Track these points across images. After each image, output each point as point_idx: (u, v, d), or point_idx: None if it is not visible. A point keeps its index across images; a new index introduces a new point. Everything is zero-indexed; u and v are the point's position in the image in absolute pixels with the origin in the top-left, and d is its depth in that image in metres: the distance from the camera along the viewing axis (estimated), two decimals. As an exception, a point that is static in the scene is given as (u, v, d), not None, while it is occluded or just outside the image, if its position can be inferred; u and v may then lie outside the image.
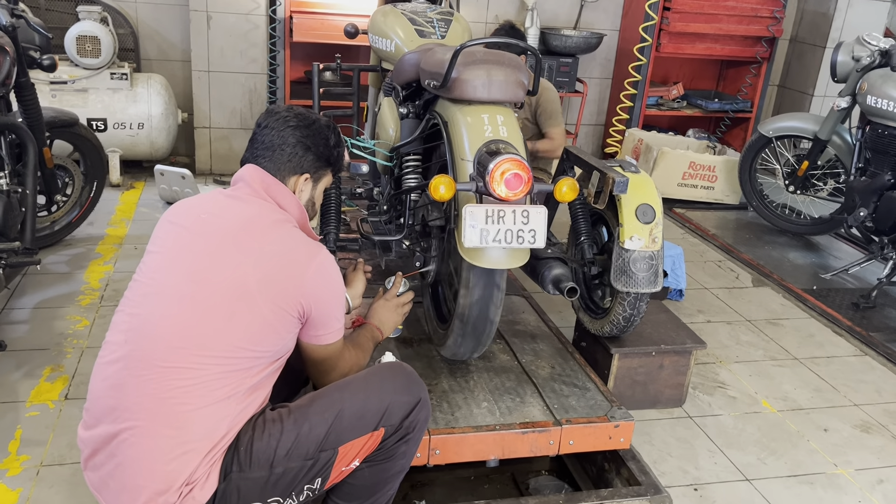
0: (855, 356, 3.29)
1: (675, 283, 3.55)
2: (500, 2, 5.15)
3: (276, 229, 1.69)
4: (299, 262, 1.66)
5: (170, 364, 1.54)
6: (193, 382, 1.53)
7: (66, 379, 2.64)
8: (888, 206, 3.72)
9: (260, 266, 1.61)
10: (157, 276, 1.64)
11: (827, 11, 5.50)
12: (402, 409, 1.70)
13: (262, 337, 1.60)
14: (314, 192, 1.87)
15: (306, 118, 1.82)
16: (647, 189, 2.38)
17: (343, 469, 1.68)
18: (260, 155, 1.78)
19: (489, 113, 2.07)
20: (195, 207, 1.74)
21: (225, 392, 1.55)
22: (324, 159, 1.84)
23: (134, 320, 1.61)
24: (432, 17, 2.78)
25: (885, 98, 3.78)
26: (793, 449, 2.61)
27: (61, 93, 4.34)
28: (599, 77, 5.56)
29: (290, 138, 1.78)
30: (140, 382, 1.54)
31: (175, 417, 1.52)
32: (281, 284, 1.62)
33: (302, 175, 1.81)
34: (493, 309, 2.16)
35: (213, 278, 1.60)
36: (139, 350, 1.57)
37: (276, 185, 1.76)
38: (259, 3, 4.68)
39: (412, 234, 2.52)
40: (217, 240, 1.65)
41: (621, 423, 2.23)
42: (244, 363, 1.58)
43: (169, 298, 1.60)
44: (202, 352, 1.55)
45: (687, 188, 5.00)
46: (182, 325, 1.57)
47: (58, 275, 3.42)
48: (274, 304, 1.61)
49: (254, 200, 1.73)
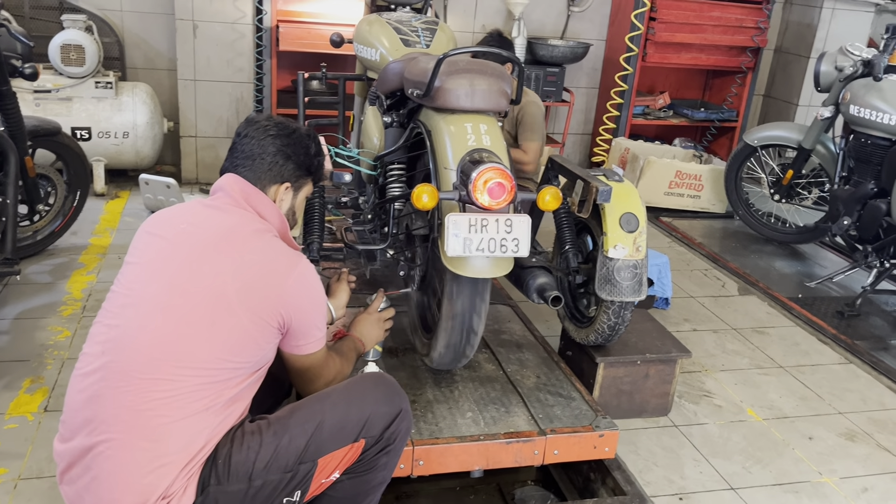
0: (840, 364, 3.30)
1: (662, 292, 3.55)
2: (486, 11, 5.17)
3: (257, 239, 1.68)
4: (279, 272, 1.65)
5: (147, 376, 1.52)
6: (171, 394, 1.51)
7: (45, 391, 2.60)
8: (871, 215, 3.75)
9: (239, 276, 1.60)
10: (136, 287, 1.63)
11: (811, 22, 5.55)
12: (382, 419, 1.68)
13: (241, 347, 1.59)
14: (295, 200, 1.87)
15: (286, 127, 1.82)
16: (631, 198, 2.38)
17: (323, 481, 1.66)
18: (240, 164, 1.77)
19: (472, 122, 2.07)
20: (175, 218, 1.72)
21: (203, 404, 1.53)
22: (304, 168, 1.84)
23: (112, 331, 1.59)
24: (417, 26, 2.79)
25: (867, 108, 3.81)
26: (778, 458, 2.61)
27: (45, 102, 4.32)
28: (586, 86, 5.58)
29: (271, 147, 1.78)
30: (117, 394, 1.53)
31: (152, 430, 1.50)
32: (261, 294, 1.61)
33: (283, 184, 1.80)
34: (478, 318, 2.15)
35: (193, 289, 1.58)
36: (117, 362, 1.55)
37: (256, 195, 1.75)
38: (245, 12, 4.67)
39: (396, 243, 2.52)
40: (197, 250, 1.63)
41: (606, 432, 2.22)
42: (223, 374, 1.57)
43: (147, 310, 1.58)
44: (181, 363, 1.53)
45: (673, 197, 5.02)
46: (161, 337, 1.55)
47: (39, 285, 3.38)
48: (254, 314, 1.60)
49: (234, 210, 1.72)
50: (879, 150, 3.81)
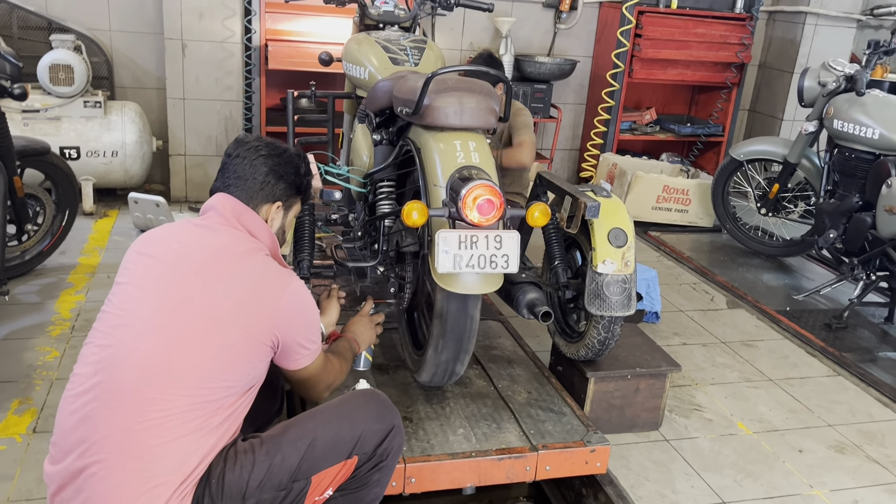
0: (828, 377, 3.32)
1: (651, 306, 3.57)
2: (474, 29, 5.21)
3: (248, 258, 1.68)
4: (272, 291, 1.66)
5: (140, 396, 1.52)
6: (164, 415, 1.51)
7: (34, 412, 2.58)
8: (857, 228, 3.79)
9: (232, 295, 1.61)
10: (128, 308, 1.62)
11: (794, 38, 5.63)
12: (375, 436, 1.69)
13: (233, 367, 1.59)
14: (285, 220, 1.89)
15: (277, 147, 1.85)
16: (619, 213, 2.40)
17: (316, 499, 1.66)
18: (231, 184, 1.79)
19: (461, 139, 2.09)
20: (165, 237, 1.72)
21: (196, 424, 1.53)
22: (294, 187, 1.87)
23: (104, 352, 1.59)
24: (406, 44, 2.81)
25: (850, 122, 3.86)
26: (769, 471, 2.62)
27: (34, 121, 4.31)
28: (574, 103, 5.63)
29: (262, 167, 1.80)
30: (109, 415, 1.52)
31: (145, 450, 1.50)
32: (254, 313, 1.62)
33: (274, 203, 1.82)
34: (468, 334, 2.15)
35: (185, 309, 1.59)
36: (109, 382, 1.54)
37: (247, 214, 1.77)
38: (234, 31, 4.69)
39: (386, 261, 2.52)
40: (188, 270, 1.64)
41: (597, 447, 2.23)
42: (216, 394, 1.57)
43: (140, 330, 1.58)
44: (174, 383, 1.53)
45: (661, 211, 5.05)
46: (153, 357, 1.55)
47: (28, 305, 3.36)
48: (247, 333, 1.60)
49: (225, 229, 1.73)
50: (863, 164, 3.86)
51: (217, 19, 4.65)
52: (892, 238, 3.63)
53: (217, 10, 4.63)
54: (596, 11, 5.43)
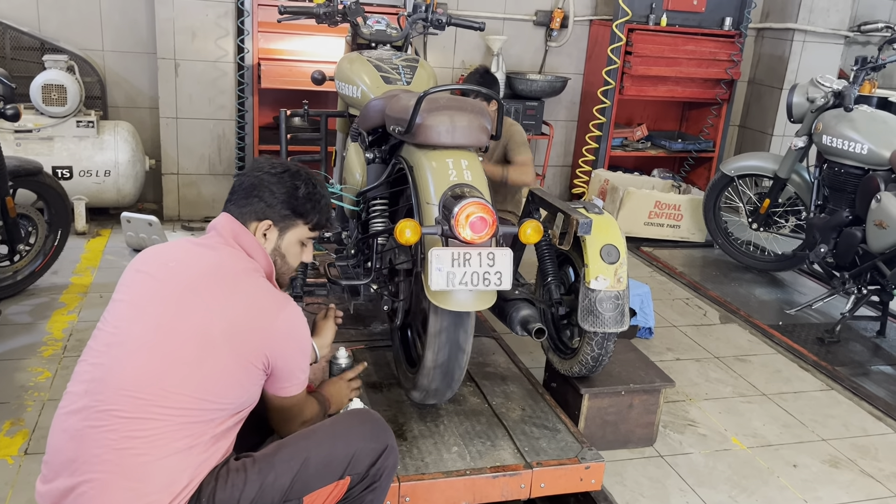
0: (822, 391, 3.33)
1: (644, 322, 3.57)
2: (466, 48, 5.25)
3: (244, 278, 1.68)
4: (266, 314, 1.65)
5: (130, 415, 1.51)
6: (154, 433, 1.51)
7: (26, 433, 2.57)
8: (847, 243, 3.81)
9: (226, 316, 1.60)
10: (122, 325, 1.62)
11: (782, 54, 5.69)
12: (368, 456, 1.69)
13: (225, 388, 1.59)
14: (280, 241, 1.82)
15: (280, 166, 1.82)
16: (611, 230, 2.41)
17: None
18: (231, 200, 1.80)
19: (453, 157, 2.10)
20: (163, 255, 1.72)
21: (186, 443, 1.53)
22: (289, 208, 1.80)
23: (96, 370, 1.58)
24: (398, 63, 2.83)
25: (839, 137, 3.89)
26: (763, 486, 2.62)
27: (26, 141, 4.31)
28: (565, 119, 5.67)
29: (260, 183, 1.78)
30: (99, 433, 1.52)
31: (134, 469, 1.49)
32: (246, 336, 1.61)
33: (262, 221, 1.78)
34: (462, 351, 2.16)
35: (178, 328, 1.58)
36: (100, 401, 1.54)
37: (244, 234, 1.76)
38: (227, 50, 4.72)
39: (380, 278, 2.53)
40: (183, 288, 1.63)
41: (592, 464, 2.22)
42: (206, 415, 1.56)
43: (132, 348, 1.58)
44: (164, 402, 1.53)
45: (653, 227, 5.07)
46: (144, 376, 1.54)
47: (20, 325, 3.35)
48: (238, 356, 1.60)
49: (222, 248, 1.72)
50: (852, 179, 3.89)
51: (210, 39, 4.68)
52: (882, 252, 3.65)
53: (210, 30, 4.66)
54: (586, 29, 5.48)
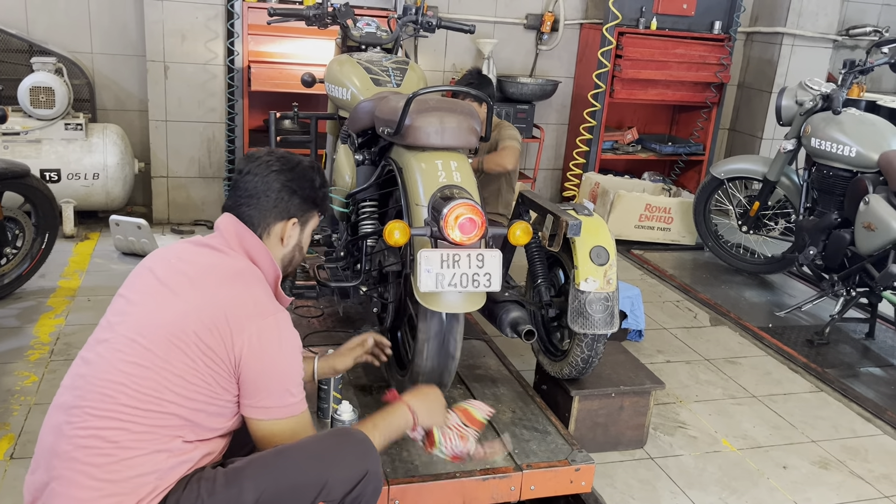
0: (811, 392, 3.34)
1: (635, 324, 3.57)
2: (457, 51, 5.25)
3: (234, 279, 1.62)
4: (243, 315, 1.56)
5: (100, 413, 1.50)
6: (119, 433, 1.49)
7: (11, 438, 2.54)
8: (836, 245, 3.83)
9: (203, 314, 1.55)
10: (114, 320, 1.62)
11: (771, 58, 5.72)
12: (344, 484, 1.55)
13: (194, 390, 1.53)
14: (302, 236, 1.81)
15: (290, 160, 1.77)
16: (601, 231, 2.41)
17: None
18: (243, 203, 1.72)
19: (443, 159, 2.10)
20: (168, 252, 1.71)
21: (153, 446, 1.50)
22: (310, 202, 1.78)
23: (84, 366, 1.59)
24: (388, 65, 2.83)
25: (828, 140, 3.91)
26: (753, 487, 2.62)
27: (14, 144, 4.28)
28: (556, 123, 5.67)
29: (275, 183, 1.72)
30: (72, 429, 1.51)
31: (97, 468, 1.48)
32: (217, 336, 1.53)
33: (290, 220, 1.75)
34: (452, 354, 2.15)
35: (156, 326, 1.55)
36: (80, 396, 1.54)
37: (250, 239, 1.70)
38: (217, 53, 4.70)
39: (369, 280, 2.52)
40: (174, 286, 1.60)
41: (582, 466, 2.22)
42: (175, 420, 1.52)
43: (114, 344, 1.56)
44: (130, 402, 1.50)
45: (644, 230, 5.08)
46: (115, 374, 1.52)
47: (6, 329, 3.32)
48: (206, 356, 1.53)
49: (224, 250, 1.68)
50: (841, 181, 3.91)
51: (200, 41, 4.66)
52: (871, 254, 3.66)
53: (200, 33, 4.64)
54: (577, 32, 5.49)
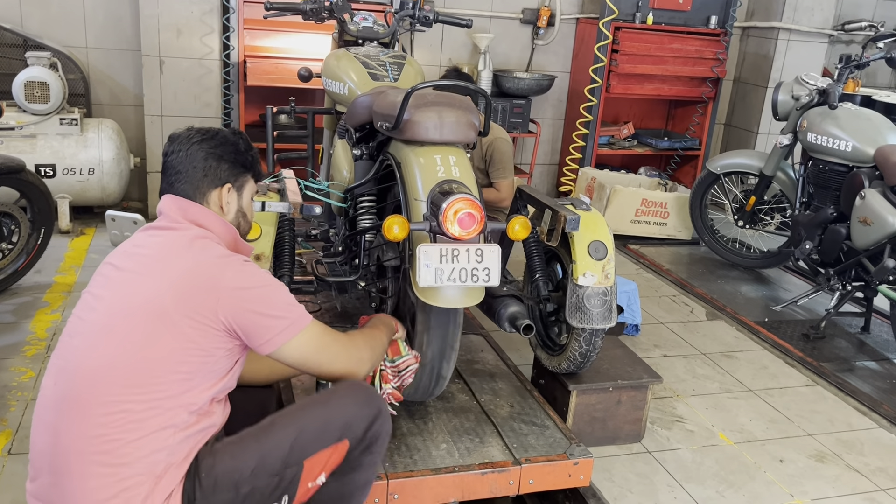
0: (807, 386, 3.35)
1: (631, 319, 3.58)
2: (453, 45, 5.24)
3: (191, 246, 1.66)
4: (212, 274, 1.61)
5: (95, 400, 1.52)
6: (121, 416, 1.50)
7: (9, 433, 2.54)
8: (832, 239, 3.84)
9: (174, 284, 1.58)
10: (83, 315, 1.64)
11: (767, 53, 5.72)
12: (363, 421, 1.71)
13: (185, 356, 1.56)
14: (241, 201, 1.83)
15: (209, 131, 1.80)
16: (599, 226, 2.41)
17: (310, 485, 1.68)
18: (174, 181, 1.75)
19: (441, 154, 2.09)
20: (124, 245, 1.73)
21: (159, 422, 1.52)
22: (240, 165, 1.81)
23: (61, 361, 1.60)
24: (385, 60, 2.82)
25: (824, 135, 3.92)
26: (750, 481, 2.63)
27: (9, 139, 4.26)
28: (552, 118, 5.67)
29: (199, 153, 1.75)
30: (69, 425, 1.52)
31: (106, 454, 1.49)
32: (196, 298, 1.57)
33: (223, 186, 1.78)
34: (450, 348, 2.15)
35: (132, 307, 1.58)
36: (66, 391, 1.55)
37: (193, 208, 1.73)
38: (213, 47, 4.68)
39: (368, 275, 2.52)
40: (135, 269, 1.63)
41: (580, 460, 2.23)
42: (174, 388, 1.54)
43: (89, 335, 1.59)
44: (126, 383, 1.52)
45: (640, 224, 5.09)
46: (104, 360, 1.54)
47: (2, 325, 3.31)
48: (192, 320, 1.56)
49: (172, 226, 1.71)
50: (837, 176, 3.91)
51: (195, 36, 4.64)
52: (866, 248, 3.68)
53: (195, 27, 4.63)
54: (573, 27, 5.49)
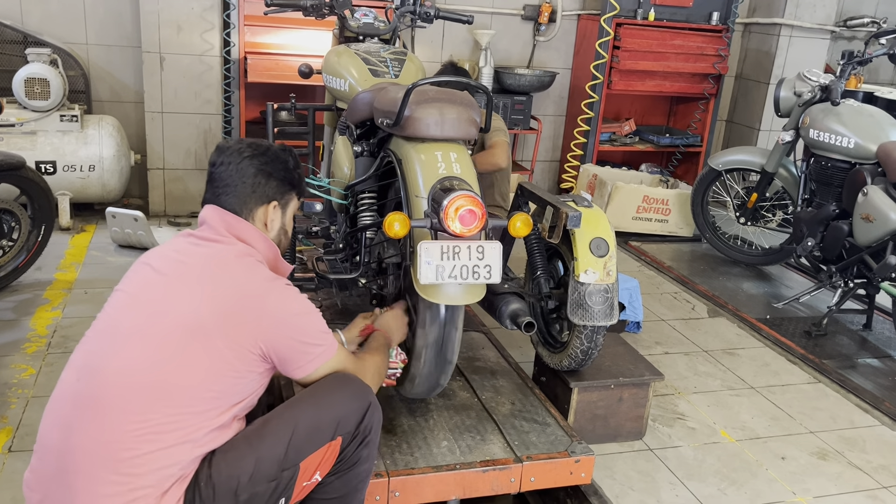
0: (809, 384, 3.34)
1: (633, 316, 3.57)
2: (454, 42, 5.23)
3: (237, 264, 1.67)
4: (255, 299, 1.63)
5: (117, 407, 1.50)
6: (142, 426, 1.49)
7: (9, 431, 2.53)
8: (834, 236, 3.83)
9: (216, 301, 1.59)
10: (116, 314, 1.63)
11: (769, 49, 5.71)
12: (355, 415, 1.71)
13: (218, 375, 1.56)
14: (284, 218, 1.88)
15: (260, 146, 1.83)
16: (600, 223, 2.41)
17: (305, 484, 1.67)
18: (221, 192, 1.77)
19: (442, 150, 2.08)
20: (165, 248, 1.74)
21: (178, 436, 1.51)
22: (287, 183, 1.85)
23: (88, 358, 1.58)
24: (386, 56, 2.81)
25: (826, 132, 3.90)
26: (752, 478, 2.62)
27: (9, 136, 4.26)
28: (553, 114, 5.66)
29: (250, 169, 1.78)
30: (87, 425, 1.50)
31: (121, 462, 1.47)
32: (237, 320, 1.59)
33: (270, 203, 1.81)
34: (452, 346, 2.14)
35: (169, 315, 1.57)
36: (88, 389, 1.53)
37: (238, 223, 1.75)
38: (213, 44, 4.67)
39: (369, 272, 2.51)
40: (177, 277, 1.64)
41: (582, 457, 2.22)
42: (200, 405, 1.54)
43: (122, 336, 1.57)
44: (152, 394, 1.51)
45: (641, 221, 5.08)
46: (133, 365, 1.53)
47: (3, 322, 3.30)
48: (231, 341, 1.57)
49: (217, 239, 1.72)
50: (839, 173, 3.90)
51: (195, 32, 4.63)
52: (869, 245, 3.67)
53: (195, 24, 4.62)
54: (574, 23, 5.47)
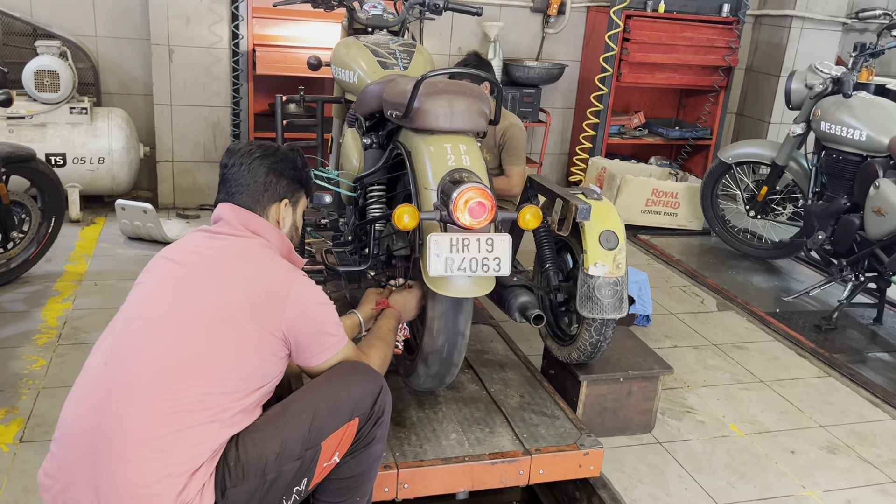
0: (819, 378, 3.33)
1: (642, 309, 3.57)
2: (463, 34, 5.21)
3: (259, 253, 1.77)
4: (281, 284, 1.72)
5: (151, 386, 1.56)
6: (175, 405, 1.55)
7: (21, 421, 2.55)
8: (845, 229, 3.80)
9: (242, 288, 1.68)
10: (142, 304, 1.70)
11: (780, 41, 5.67)
12: (369, 396, 1.78)
13: (245, 358, 1.65)
14: (295, 215, 1.96)
15: (269, 147, 1.93)
16: (610, 216, 2.40)
17: (325, 465, 1.73)
18: (235, 192, 1.86)
19: (452, 142, 2.08)
20: (184, 242, 1.82)
21: (207, 414, 1.57)
22: (297, 181, 1.94)
23: (117, 345, 1.64)
24: (395, 48, 2.80)
25: (838, 124, 3.88)
26: (762, 472, 2.62)
27: (19, 128, 4.27)
28: (562, 107, 5.64)
29: (261, 169, 1.87)
30: (119, 406, 1.55)
31: (155, 440, 1.53)
32: (265, 306, 1.68)
33: (281, 201, 1.90)
34: (460, 338, 2.14)
35: (196, 303, 1.65)
36: (120, 373, 1.58)
37: (253, 219, 1.85)
38: (222, 36, 4.67)
39: (377, 265, 2.51)
40: (201, 269, 1.72)
41: (591, 450, 2.22)
42: (227, 386, 1.61)
43: (152, 323, 1.64)
44: (184, 374, 1.58)
45: (650, 215, 5.06)
46: (165, 349, 1.60)
47: (14, 313, 3.32)
48: (258, 325, 1.66)
49: (233, 233, 1.82)
50: (851, 166, 3.88)
51: (204, 25, 4.63)
52: (880, 239, 3.64)
53: (204, 16, 4.62)
54: (584, 16, 5.44)
